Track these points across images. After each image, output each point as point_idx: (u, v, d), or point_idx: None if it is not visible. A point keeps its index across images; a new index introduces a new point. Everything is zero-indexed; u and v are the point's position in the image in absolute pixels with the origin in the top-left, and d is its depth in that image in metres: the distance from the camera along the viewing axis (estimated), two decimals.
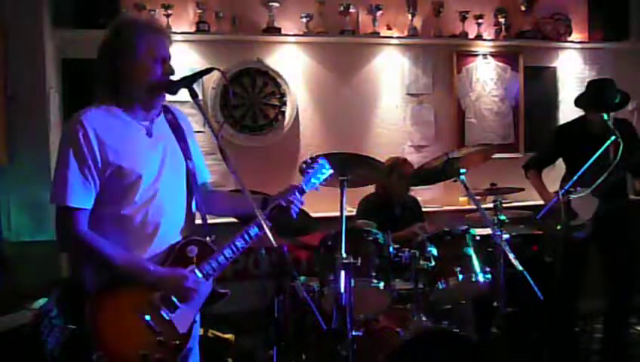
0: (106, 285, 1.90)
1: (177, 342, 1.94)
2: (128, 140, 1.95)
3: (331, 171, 2.35)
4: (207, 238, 2.06)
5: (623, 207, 3.66)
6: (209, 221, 2.24)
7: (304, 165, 2.36)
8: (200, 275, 1.98)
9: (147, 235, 1.97)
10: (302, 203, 2.21)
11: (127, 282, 1.90)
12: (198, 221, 2.19)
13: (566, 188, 3.39)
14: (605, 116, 3.37)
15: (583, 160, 3.51)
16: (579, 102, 3.74)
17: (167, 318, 1.93)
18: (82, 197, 1.89)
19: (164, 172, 2.01)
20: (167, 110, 2.13)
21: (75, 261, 2.00)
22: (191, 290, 1.94)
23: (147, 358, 1.87)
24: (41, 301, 2.93)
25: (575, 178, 3.35)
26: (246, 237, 2.05)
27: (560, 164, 3.85)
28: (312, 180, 2.27)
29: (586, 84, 3.91)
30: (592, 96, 3.66)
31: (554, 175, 3.92)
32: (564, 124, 4.08)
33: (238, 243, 2.05)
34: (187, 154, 2.10)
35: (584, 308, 3.82)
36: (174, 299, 1.94)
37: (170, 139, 2.08)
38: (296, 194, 2.18)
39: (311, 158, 2.35)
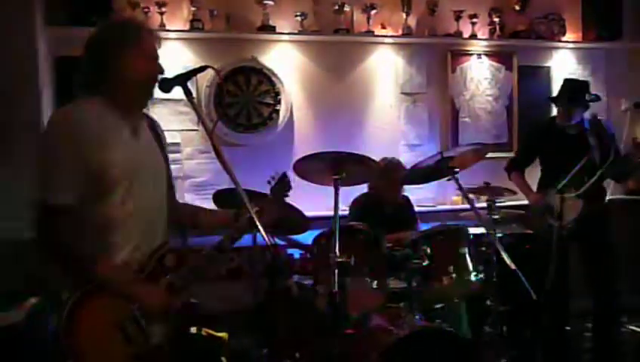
0: (82, 294, 1.83)
1: (153, 354, 1.90)
2: (112, 140, 1.91)
3: (290, 189, 2.33)
4: (183, 245, 2.05)
5: (604, 207, 3.71)
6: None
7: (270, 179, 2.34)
8: (177, 285, 1.97)
9: (129, 236, 1.93)
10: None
11: (104, 291, 1.86)
12: None
13: (559, 187, 3.41)
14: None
15: (557, 159, 3.58)
16: (552, 99, 3.82)
17: (142, 329, 1.89)
18: (68, 195, 1.83)
19: (147, 173, 1.99)
20: (146, 116, 2.12)
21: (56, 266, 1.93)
22: (162, 310, 1.93)
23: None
24: (33, 300, 2.93)
25: (568, 177, 3.37)
26: (220, 248, 2.06)
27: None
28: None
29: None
30: (561, 92, 3.78)
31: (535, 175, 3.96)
32: (540, 124, 4.14)
33: (213, 253, 2.04)
34: (166, 160, 2.10)
35: (575, 307, 3.84)
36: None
37: (153, 143, 2.08)
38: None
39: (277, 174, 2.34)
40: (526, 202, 3.98)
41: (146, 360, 1.89)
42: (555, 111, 4.05)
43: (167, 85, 1.98)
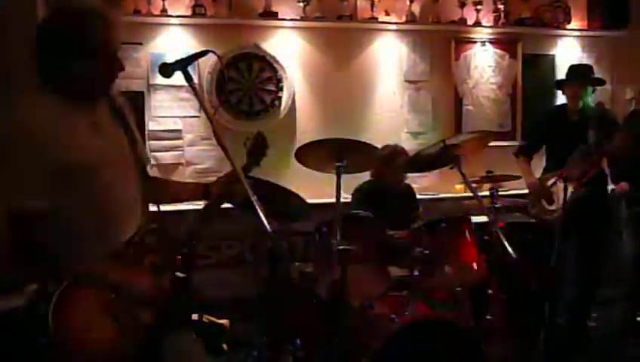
0: (67, 285, 1.80)
1: (142, 332, 1.89)
2: (73, 133, 1.84)
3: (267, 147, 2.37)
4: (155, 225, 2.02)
5: (604, 194, 3.70)
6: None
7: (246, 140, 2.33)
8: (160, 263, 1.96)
9: (104, 228, 1.89)
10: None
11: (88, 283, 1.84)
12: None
13: (560, 175, 3.40)
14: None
15: (559, 146, 3.57)
16: (560, 81, 3.83)
17: (129, 306, 1.87)
18: (37, 196, 1.77)
19: (113, 162, 1.93)
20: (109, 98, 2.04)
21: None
22: (147, 293, 1.90)
23: (111, 347, 1.82)
24: (33, 286, 2.92)
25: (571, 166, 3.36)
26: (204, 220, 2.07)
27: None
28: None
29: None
30: (568, 74, 3.80)
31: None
32: (549, 111, 4.14)
33: (196, 228, 2.05)
34: (132, 140, 2.03)
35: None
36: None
37: (115, 127, 2.00)
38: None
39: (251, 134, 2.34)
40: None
41: (134, 338, 1.87)
42: (562, 99, 4.02)
43: (167, 70, 1.94)
